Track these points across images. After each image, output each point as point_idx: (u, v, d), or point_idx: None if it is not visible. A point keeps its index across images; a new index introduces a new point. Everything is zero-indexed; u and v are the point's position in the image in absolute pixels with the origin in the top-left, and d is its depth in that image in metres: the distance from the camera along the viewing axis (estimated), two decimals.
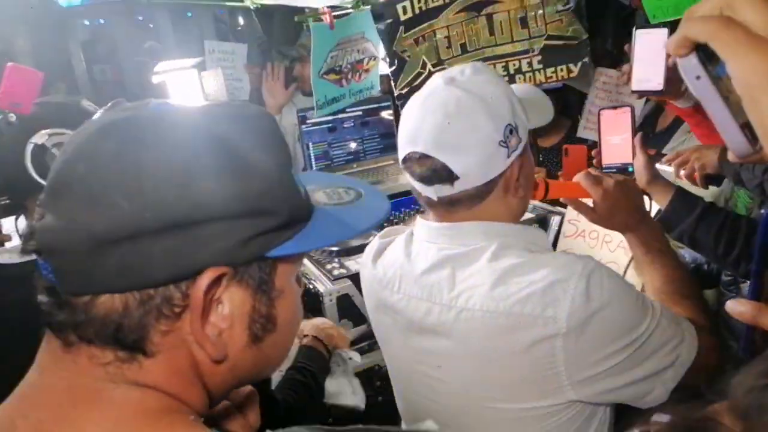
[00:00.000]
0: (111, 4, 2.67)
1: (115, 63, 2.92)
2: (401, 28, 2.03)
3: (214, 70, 2.30)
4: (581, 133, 2.33)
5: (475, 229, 0.96)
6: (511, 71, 2.02)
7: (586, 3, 1.91)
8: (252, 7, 1.99)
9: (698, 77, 0.46)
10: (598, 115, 1.46)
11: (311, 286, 1.81)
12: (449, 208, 0.97)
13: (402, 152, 0.97)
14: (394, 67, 2.03)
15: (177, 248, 0.51)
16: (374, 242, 1.15)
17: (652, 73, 1.43)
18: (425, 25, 2.04)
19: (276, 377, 1.18)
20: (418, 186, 0.97)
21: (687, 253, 1.62)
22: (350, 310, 1.75)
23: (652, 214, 1.48)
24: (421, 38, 2.05)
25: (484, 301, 0.89)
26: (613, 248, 1.76)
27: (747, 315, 0.59)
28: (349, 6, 2.00)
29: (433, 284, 0.96)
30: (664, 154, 1.71)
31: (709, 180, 1.61)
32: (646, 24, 1.56)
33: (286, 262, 0.61)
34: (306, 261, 1.99)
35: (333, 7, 1.98)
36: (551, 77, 1.98)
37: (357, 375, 1.63)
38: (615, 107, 1.45)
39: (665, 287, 1.06)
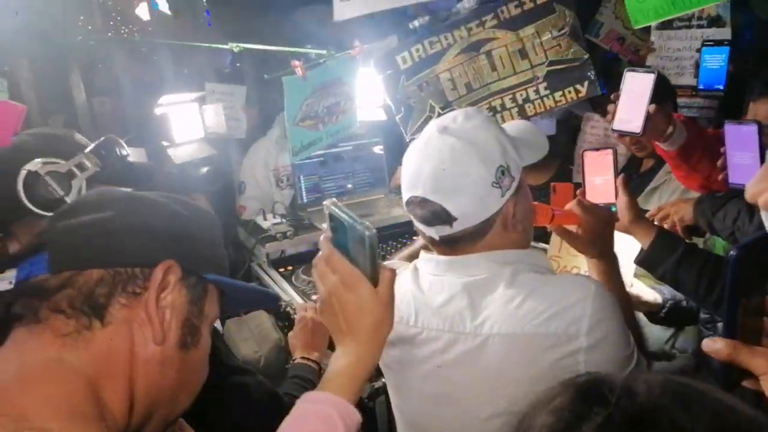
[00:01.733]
0: (110, 40, 2.76)
1: (115, 95, 2.98)
2: (402, 77, 2.10)
3: (214, 105, 2.37)
4: (576, 178, 2.38)
5: (484, 258, 1.02)
6: (520, 101, 2.05)
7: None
8: (236, 50, 2.05)
9: None
10: (582, 156, 1.50)
11: (295, 317, 1.82)
12: (452, 246, 1.03)
13: (405, 196, 1.04)
14: (401, 115, 2.08)
15: (148, 244, 0.71)
16: None
17: (634, 116, 1.48)
18: (427, 71, 2.08)
19: None
20: (421, 227, 1.04)
21: (666, 290, 1.65)
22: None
23: (635, 253, 1.52)
24: (424, 84, 2.10)
25: (509, 325, 0.95)
26: None
27: (723, 353, 0.61)
28: (323, 59, 2.06)
29: (453, 315, 1.00)
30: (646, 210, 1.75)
31: (690, 231, 1.66)
32: (637, 67, 1.61)
33: (212, 295, 0.78)
34: (292, 292, 2.01)
35: (306, 54, 2.04)
36: (560, 101, 2.00)
37: None
38: (598, 149, 1.49)
39: None
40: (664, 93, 2.21)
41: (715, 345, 0.61)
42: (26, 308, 0.66)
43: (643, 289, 1.62)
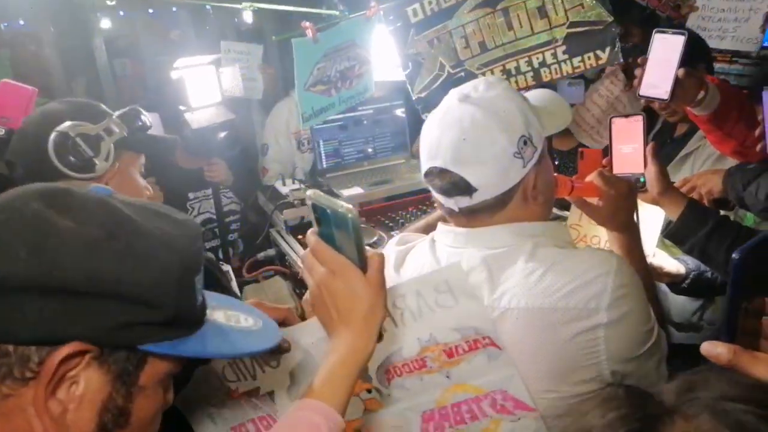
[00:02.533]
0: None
1: (136, 57, 2.96)
2: (412, 31, 2.00)
3: (231, 67, 2.32)
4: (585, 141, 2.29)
5: (505, 230, 1.00)
6: (536, 65, 1.92)
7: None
8: (248, 10, 1.97)
9: None
10: (610, 123, 1.42)
11: (299, 271, 1.83)
12: (470, 217, 1.02)
13: (424, 167, 1.02)
14: (408, 71, 2.00)
15: (53, 313, 0.53)
16: (390, 250, 1.17)
17: (662, 81, 1.39)
18: (439, 26, 1.98)
19: None
20: (441, 198, 1.02)
21: (690, 261, 1.59)
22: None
23: (659, 223, 1.46)
24: (435, 39, 2.01)
25: (528, 299, 0.94)
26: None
27: (723, 358, 0.59)
28: (336, 18, 1.98)
29: (473, 287, 0.98)
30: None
31: (718, 204, 1.59)
32: (666, 27, 1.51)
33: (157, 362, 0.62)
34: (300, 250, 2.00)
35: (315, 17, 1.96)
36: (579, 67, 1.87)
37: None
38: (627, 116, 1.42)
39: None
40: (698, 53, 2.08)
41: (715, 349, 0.60)
42: None
43: (666, 259, 1.58)
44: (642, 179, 1.37)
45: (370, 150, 2.53)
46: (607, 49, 1.84)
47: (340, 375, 0.75)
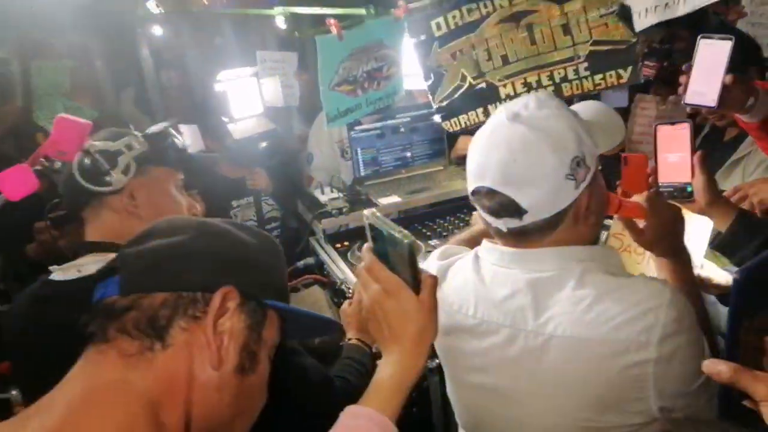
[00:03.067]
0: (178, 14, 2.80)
1: (181, 69, 3.05)
2: (435, 43, 2.00)
3: (272, 78, 2.37)
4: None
5: (553, 254, 0.97)
6: (557, 80, 1.95)
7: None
8: (279, 16, 1.98)
9: None
10: (655, 130, 1.38)
11: (350, 296, 1.84)
12: (519, 238, 0.99)
13: (470, 186, 1.00)
14: (430, 81, 2.00)
15: (211, 270, 0.74)
16: (432, 264, 1.17)
17: (708, 88, 1.35)
18: (462, 39, 1.99)
19: None
20: (489, 218, 0.99)
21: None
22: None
23: (706, 233, 1.41)
24: (458, 52, 2.01)
25: (575, 328, 0.92)
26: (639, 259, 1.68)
27: (724, 376, 0.60)
28: (363, 14, 1.96)
29: (516, 310, 0.97)
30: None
31: None
32: (711, 33, 1.47)
33: (273, 321, 0.79)
34: (347, 270, 2.02)
35: (342, 17, 1.94)
36: (600, 84, 1.89)
37: None
38: (673, 123, 1.37)
39: None
40: (750, 56, 2.00)
41: (717, 367, 0.60)
42: (98, 328, 0.70)
43: (715, 270, 1.52)
44: (689, 188, 1.32)
45: (407, 157, 2.53)
46: (629, 68, 1.84)
47: (389, 389, 0.80)
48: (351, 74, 1.98)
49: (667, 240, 1.14)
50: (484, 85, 2.06)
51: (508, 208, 0.94)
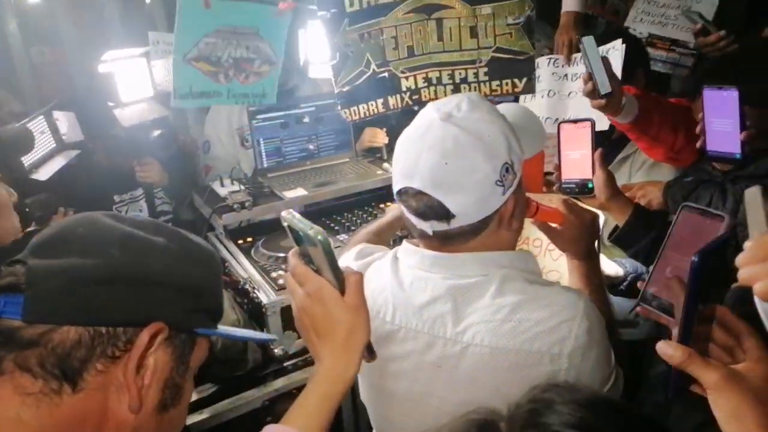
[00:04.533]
0: None
1: (57, 45, 2.73)
2: (346, 20, 1.94)
3: (164, 59, 2.17)
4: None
5: (474, 259, 0.98)
6: (457, 80, 1.98)
7: None
8: None
9: None
10: (558, 128, 1.43)
11: (254, 296, 1.75)
12: (444, 242, 0.98)
13: (397, 185, 0.98)
14: (335, 61, 1.94)
15: (139, 299, 0.64)
16: (348, 264, 1.12)
17: (599, 79, 1.44)
18: (372, 21, 1.94)
19: None
20: (414, 219, 0.98)
21: (628, 263, 1.64)
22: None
23: (608, 231, 1.48)
24: (366, 34, 1.96)
25: (492, 337, 0.93)
26: (556, 257, 1.75)
27: (676, 359, 0.61)
28: None
29: (435, 318, 0.97)
30: None
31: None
32: (597, 37, 1.57)
33: (202, 346, 0.73)
34: (251, 268, 1.92)
35: None
36: (496, 90, 1.96)
37: (301, 389, 1.61)
38: (575, 121, 1.42)
39: None
40: (638, 58, 2.14)
41: (668, 350, 0.61)
42: None
43: (606, 262, 1.63)
44: (590, 185, 1.38)
45: (313, 149, 2.45)
46: (524, 80, 1.93)
47: (315, 403, 0.76)
48: (214, 53, 1.81)
49: (582, 243, 1.19)
50: (386, 74, 2.04)
51: (436, 211, 0.93)
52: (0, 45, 2.72)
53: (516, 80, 1.94)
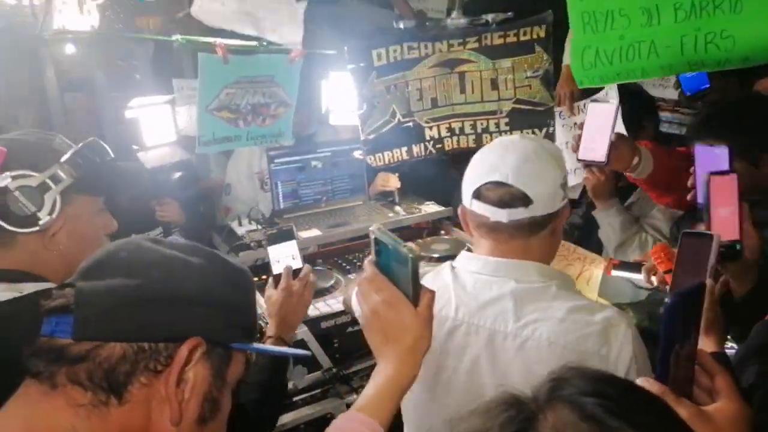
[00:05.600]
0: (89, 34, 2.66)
1: (89, 91, 2.88)
2: (374, 72, 2.04)
3: (187, 106, 2.29)
4: None
5: (533, 268, 1.11)
6: (479, 130, 2.06)
7: None
8: (180, 42, 1.91)
9: None
10: (708, 180, 1.18)
11: (261, 323, 1.76)
12: (513, 234, 1.11)
13: (476, 184, 1.11)
14: (362, 111, 2.02)
15: (178, 316, 0.68)
16: None
17: (598, 145, 1.48)
18: (398, 74, 2.05)
19: None
20: (490, 210, 1.10)
21: (631, 311, 1.64)
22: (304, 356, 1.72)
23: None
24: (393, 86, 2.06)
25: (550, 333, 1.03)
26: None
27: None
28: (256, 46, 1.95)
29: (497, 314, 1.08)
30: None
31: None
32: (599, 98, 1.61)
33: (238, 361, 0.76)
34: (262, 301, 1.94)
35: (233, 46, 1.91)
36: None
37: (310, 424, 1.60)
38: (722, 173, 1.17)
39: None
40: (647, 114, 2.19)
41: (645, 385, 0.64)
42: (44, 368, 0.65)
43: None
44: (737, 245, 1.12)
45: (328, 191, 2.51)
46: (544, 129, 2.00)
47: (385, 395, 0.84)
48: (234, 102, 1.94)
49: None
50: (411, 124, 2.12)
51: (517, 197, 1.07)
52: (38, 91, 2.87)
53: (536, 130, 2.01)
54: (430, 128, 2.11)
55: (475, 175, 1.13)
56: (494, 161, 1.10)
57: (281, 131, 2.13)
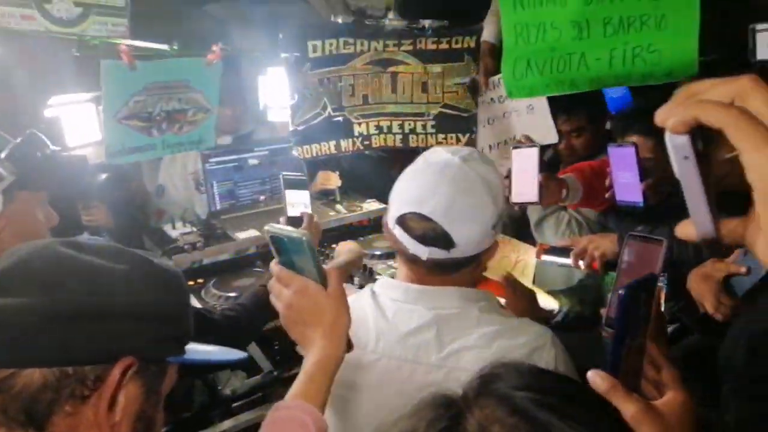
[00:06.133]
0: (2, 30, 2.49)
1: (7, 90, 2.70)
2: (308, 63, 2.02)
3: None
4: None
5: (455, 293, 1.06)
6: (406, 130, 2.10)
7: None
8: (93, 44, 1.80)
9: (686, 157, 0.46)
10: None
11: None
12: (430, 270, 1.06)
13: (401, 210, 1.05)
14: (293, 102, 2.00)
15: (104, 334, 0.61)
16: None
17: (528, 188, 1.53)
18: (333, 68, 2.05)
19: None
20: (411, 243, 1.04)
21: (564, 297, 1.69)
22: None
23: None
24: (326, 80, 2.05)
25: (475, 361, 0.96)
26: None
27: (600, 388, 0.63)
28: (167, 50, 1.88)
29: (419, 345, 1.03)
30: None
31: (609, 266, 1.65)
32: (519, 144, 1.66)
33: (171, 374, 0.71)
34: (199, 306, 1.87)
35: (140, 50, 1.84)
36: (441, 142, 2.09)
37: (248, 430, 1.55)
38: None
39: None
40: (589, 99, 2.23)
41: (596, 378, 0.64)
42: None
43: (541, 294, 1.67)
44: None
45: (266, 191, 2.45)
46: (467, 135, 2.09)
47: (317, 378, 0.83)
48: (145, 110, 1.84)
49: (525, 316, 1.24)
50: (341, 118, 2.12)
51: (440, 238, 1.01)
52: None
53: (460, 135, 2.09)
54: (359, 124, 2.13)
55: (402, 198, 1.07)
56: (424, 190, 1.02)
57: (201, 138, 2.05)
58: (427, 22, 2.01)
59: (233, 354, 0.89)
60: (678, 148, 0.47)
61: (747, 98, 0.44)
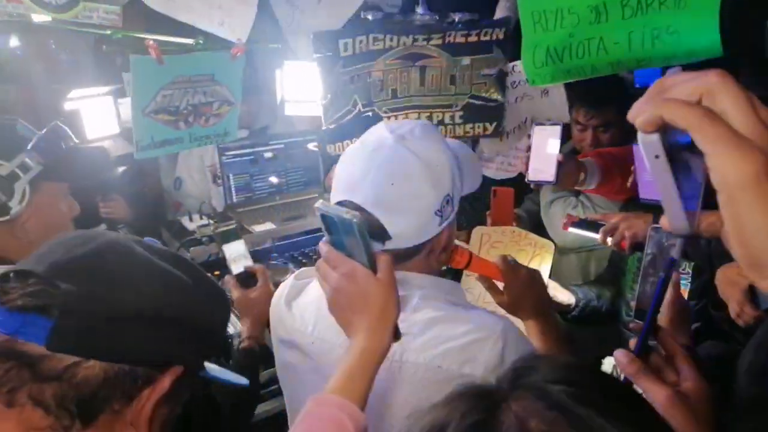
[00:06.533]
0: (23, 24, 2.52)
1: (26, 83, 2.73)
2: (340, 62, 2.03)
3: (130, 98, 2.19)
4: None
5: (400, 280, 0.96)
6: (435, 122, 2.12)
7: None
8: (115, 37, 1.79)
9: (657, 156, 0.46)
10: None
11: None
12: None
13: (336, 197, 0.95)
14: (326, 101, 2.01)
15: (163, 338, 0.62)
16: (288, 283, 1.13)
17: (546, 166, 1.51)
18: (362, 65, 2.06)
19: None
20: None
21: (581, 292, 1.67)
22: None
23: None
24: (356, 77, 2.06)
25: (405, 353, 0.90)
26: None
27: (627, 371, 0.64)
28: (192, 44, 1.89)
29: None
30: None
31: (637, 247, 1.58)
32: (543, 121, 1.64)
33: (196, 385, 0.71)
34: None
35: (167, 44, 1.86)
36: (469, 132, 2.13)
37: (266, 420, 1.56)
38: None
39: None
40: (618, 93, 2.18)
41: (624, 358, 0.64)
42: (2, 379, 0.55)
43: (558, 289, 1.63)
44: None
45: (282, 184, 2.46)
46: (494, 124, 2.13)
47: (358, 372, 0.78)
48: (172, 104, 1.87)
49: (528, 302, 1.15)
50: (370, 113, 2.14)
51: (373, 230, 0.89)
52: None
53: (487, 124, 2.13)
54: (388, 118, 2.13)
55: (337, 184, 0.97)
56: (356, 177, 0.93)
57: (226, 130, 2.08)
58: (457, 16, 2.02)
59: (240, 379, 0.89)
60: (647, 146, 0.46)
61: (714, 97, 0.43)
